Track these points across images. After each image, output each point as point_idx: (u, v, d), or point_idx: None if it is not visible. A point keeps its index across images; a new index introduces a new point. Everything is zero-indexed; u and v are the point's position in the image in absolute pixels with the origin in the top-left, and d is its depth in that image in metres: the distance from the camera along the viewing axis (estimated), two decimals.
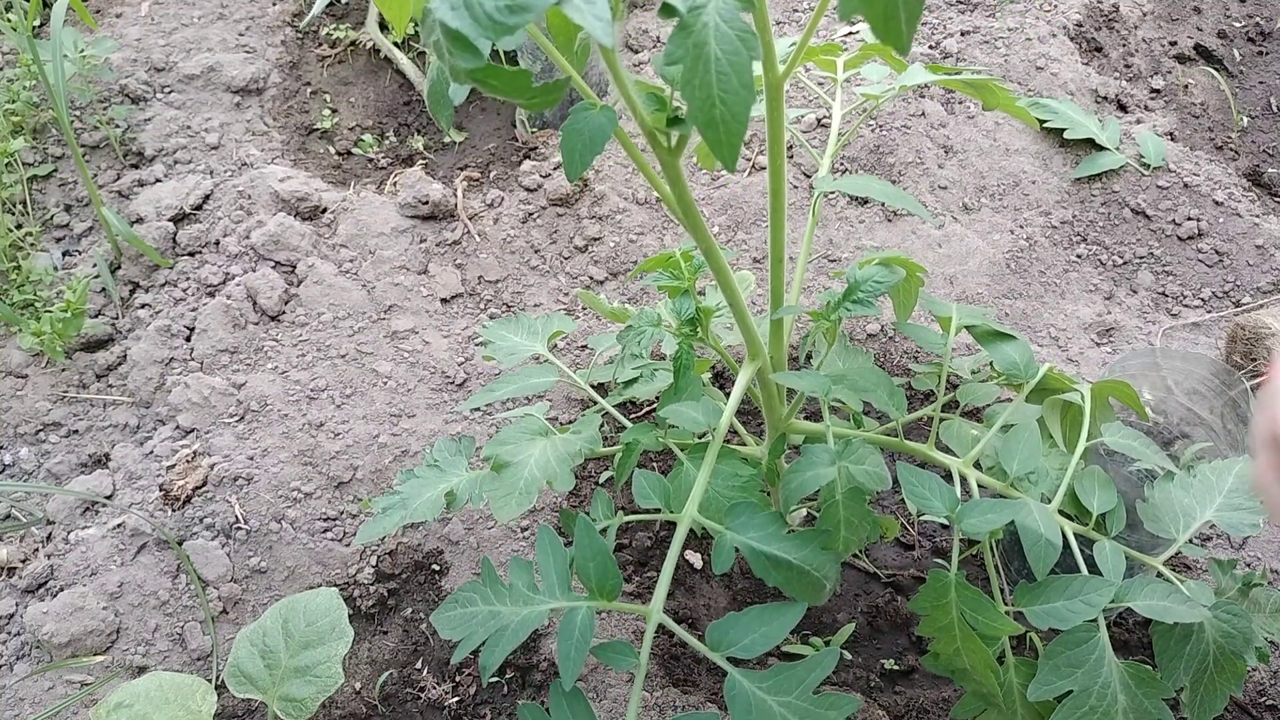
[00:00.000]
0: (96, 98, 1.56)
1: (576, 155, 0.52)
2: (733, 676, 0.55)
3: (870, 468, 0.66)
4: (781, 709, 0.53)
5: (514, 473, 0.67)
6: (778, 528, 0.61)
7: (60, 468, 1.20)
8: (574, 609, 0.58)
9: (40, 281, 1.38)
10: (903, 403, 0.73)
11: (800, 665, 0.54)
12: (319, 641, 0.90)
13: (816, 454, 0.67)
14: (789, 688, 0.54)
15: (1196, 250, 1.36)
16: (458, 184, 1.49)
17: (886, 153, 1.43)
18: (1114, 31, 1.69)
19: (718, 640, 0.57)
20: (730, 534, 0.61)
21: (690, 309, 0.76)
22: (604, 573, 0.60)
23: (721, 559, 0.61)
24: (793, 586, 0.60)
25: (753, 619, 0.57)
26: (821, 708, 0.53)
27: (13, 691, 1.00)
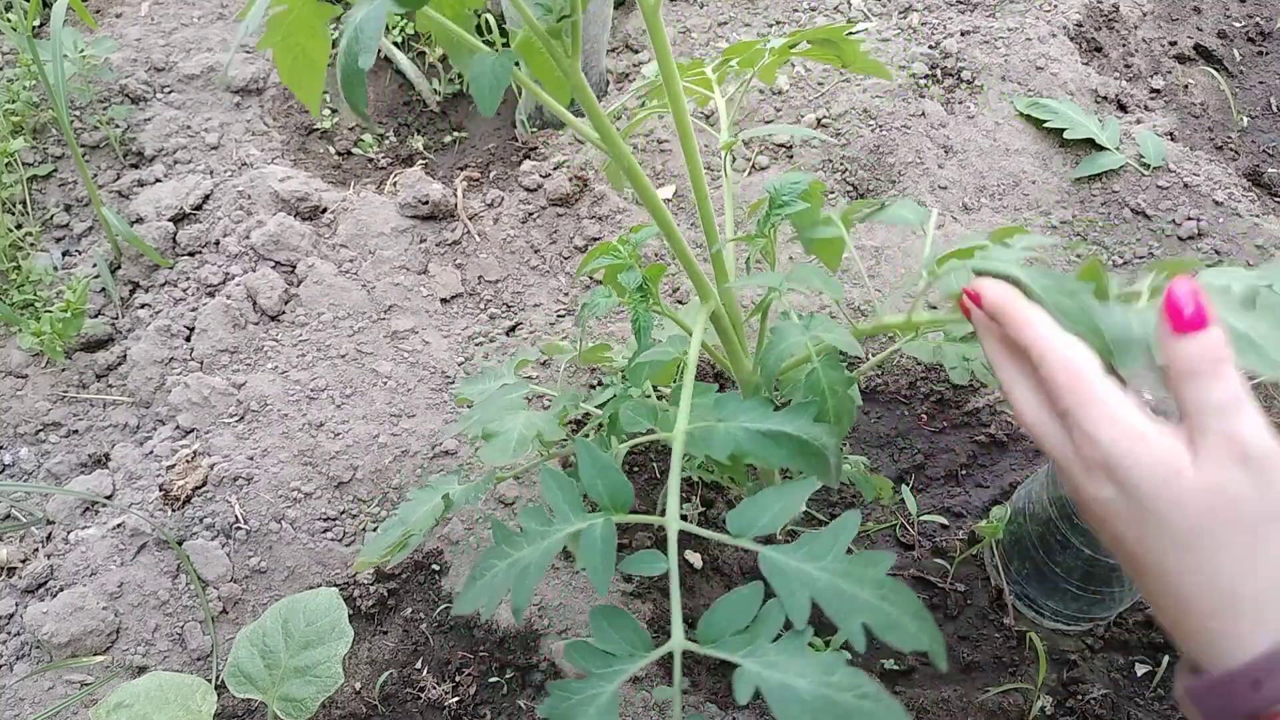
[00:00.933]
0: (96, 98, 1.56)
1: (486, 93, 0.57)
2: (764, 554, 0.54)
3: (839, 334, 0.67)
4: (820, 572, 0.52)
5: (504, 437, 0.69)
6: (767, 408, 0.62)
7: (60, 468, 1.20)
8: (591, 525, 0.58)
9: (40, 281, 1.38)
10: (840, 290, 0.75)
11: (826, 531, 0.54)
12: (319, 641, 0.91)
13: (786, 328, 0.68)
14: (821, 553, 0.53)
15: (1196, 250, 1.36)
16: (458, 184, 1.49)
17: (886, 152, 1.43)
18: (1114, 31, 1.69)
19: (741, 525, 0.56)
20: (724, 424, 0.61)
21: (637, 278, 0.78)
22: (614, 486, 0.59)
23: (720, 446, 0.60)
24: (796, 459, 0.59)
25: (770, 498, 0.57)
26: (860, 566, 0.52)
27: (13, 691, 1.00)
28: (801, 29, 0.90)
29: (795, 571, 0.52)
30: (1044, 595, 0.98)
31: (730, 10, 1.74)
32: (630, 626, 0.54)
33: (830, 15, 1.70)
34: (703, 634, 0.52)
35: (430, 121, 1.68)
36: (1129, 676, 1.00)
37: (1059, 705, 0.97)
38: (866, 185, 1.41)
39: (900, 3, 1.74)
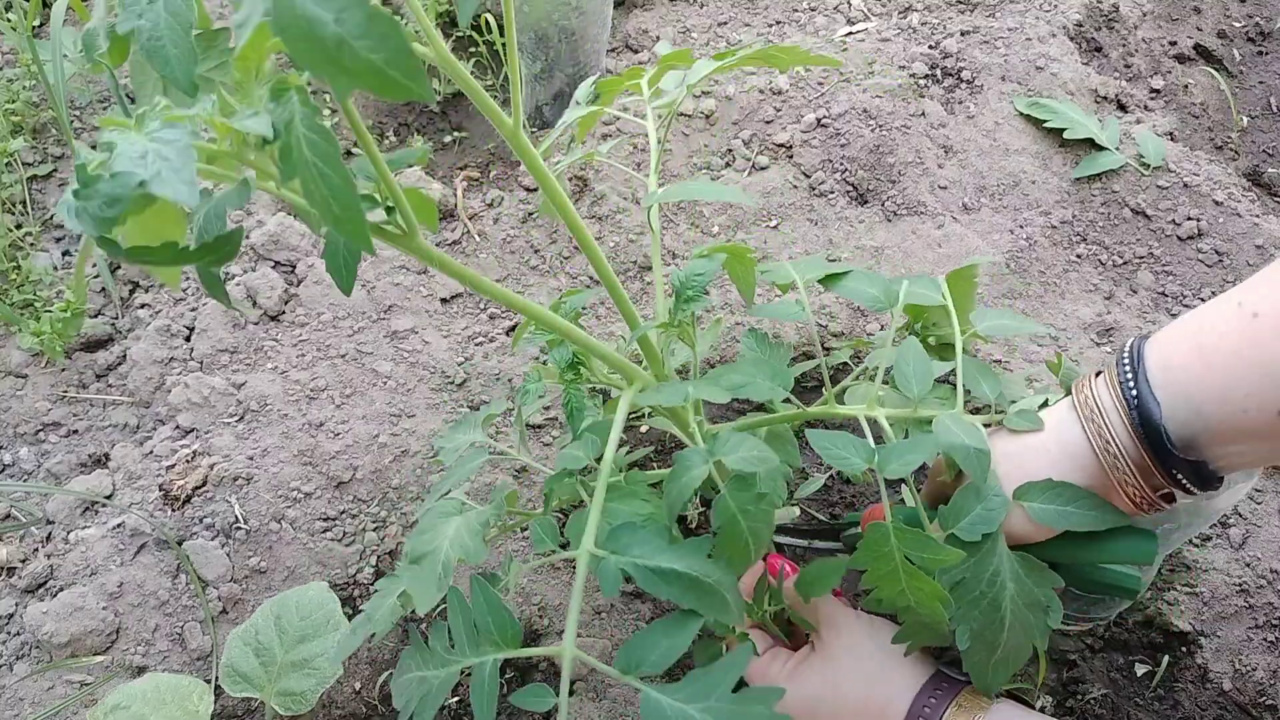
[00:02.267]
0: (96, 98, 1.56)
1: (342, 274, 0.56)
2: (646, 694, 0.53)
3: (746, 453, 0.63)
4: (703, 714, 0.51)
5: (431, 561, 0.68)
6: (663, 541, 0.60)
7: (60, 467, 1.21)
8: (481, 663, 0.61)
9: (40, 281, 1.38)
10: (789, 381, 0.73)
11: (714, 669, 0.53)
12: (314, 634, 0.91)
13: (687, 457, 0.65)
14: (706, 693, 0.52)
15: (1196, 250, 1.36)
16: (457, 184, 1.49)
17: (886, 153, 1.43)
18: (1114, 31, 1.69)
19: (628, 663, 0.56)
20: (614, 557, 0.60)
21: (567, 355, 0.76)
22: (502, 624, 0.62)
23: (608, 583, 0.60)
24: (688, 598, 0.58)
25: (657, 633, 0.57)
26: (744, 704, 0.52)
27: (12, 691, 1.00)
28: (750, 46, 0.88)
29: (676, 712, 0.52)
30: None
31: (730, 10, 1.74)
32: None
33: (830, 15, 1.70)
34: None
35: (430, 121, 1.68)
36: (1129, 676, 1.00)
37: (1059, 705, 0.97)
38: (866, 185, 1.41)
39: (900, 3, 1.74)
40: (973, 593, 0.66)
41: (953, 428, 0.68)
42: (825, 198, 1.41)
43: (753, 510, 0.64)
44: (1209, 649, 0.99)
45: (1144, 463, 0.62)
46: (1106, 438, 0.63)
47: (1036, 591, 0.66)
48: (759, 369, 0.74)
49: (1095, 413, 0.64)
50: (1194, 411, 0.59)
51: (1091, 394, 0.65)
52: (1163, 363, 0.62)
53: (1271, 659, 0.98)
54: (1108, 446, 0.63)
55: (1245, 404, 0.57)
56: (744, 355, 0.81)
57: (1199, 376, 0.59)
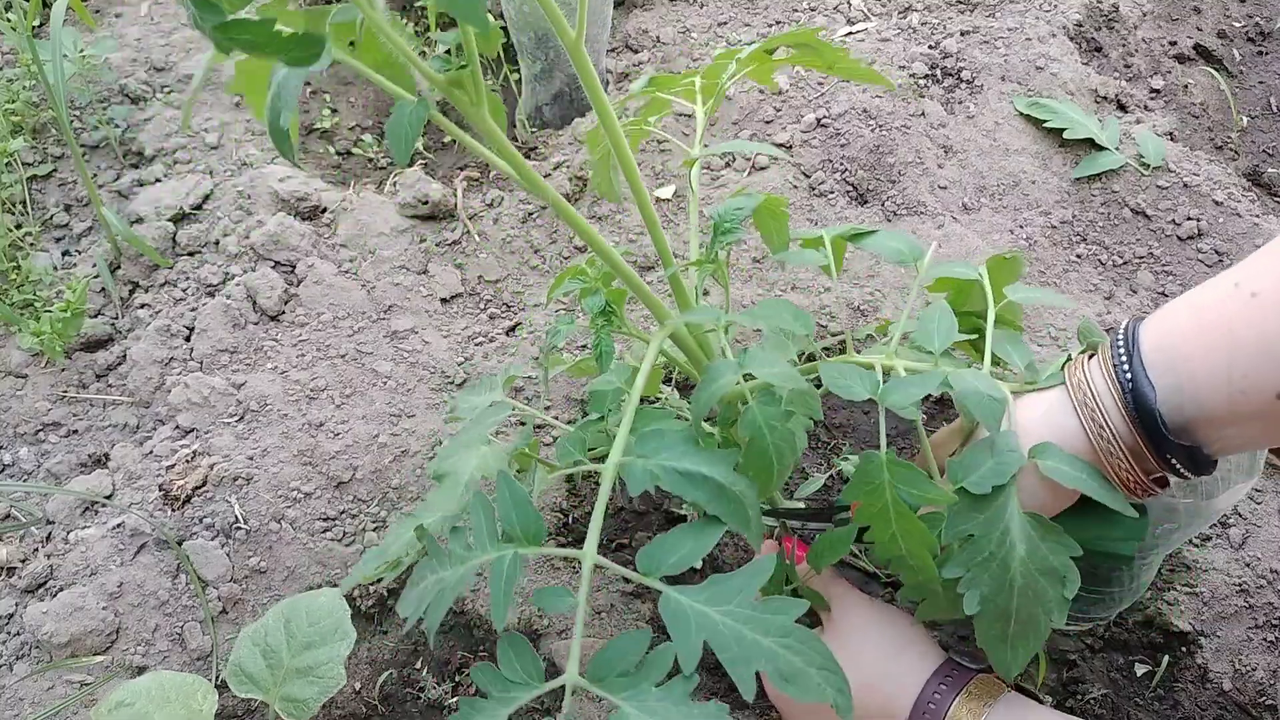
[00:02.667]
0: (96, 98, 1.56)
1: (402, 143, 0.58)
2: (667, 594, 0.53)
3: (776, 368, 0.63)
4: (724, 617, 0.51)
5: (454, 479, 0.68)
6: (689, 445, 0.60)
7: (60, 468, 1.20)
8: (500, 557, 0.59)
9: (40, 281, 1.38)
10: (810, 324, 0.72)
11: (737, 574, 0.53)
12: (321, 642, 0.90)
13: (717, 367, 0.65)
14: (727, 597, 0.52)
15: (1196, 250, 1.36)
16: (457, 184, 1.49)
17: (886, 152, 1.43)
18: (1114, 31, 1.69)
19: (649, 564, 0.56)
20: (642, 461, 0.60)
21: (601, 301, 0.77)
22: (526, 519, 0.60)
23: (635, 483, 0.60)
24: (713, 502, 0.58)
25: (679, 537, 0.57)
26: (765, 612, 0.52)
27: (13, 691, 1.00)
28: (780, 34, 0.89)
29: (695, 614, 0.52)
30: None
31: (730, 10, 1.74)
32: (529, 658, 0.56)
33: (830, 15, 1.70)
34: (591, 671, 0.53)
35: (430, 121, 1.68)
36: (1129, 676, 1.00)
37: (1059, 705, 0.98)
38: (866, 185, 1.41)
39: (900, 3, 1.74)
40: (982, 553, 0.62)
41: (968, 377, 0.65)
42: (825, 198, 1.41)
43: (779, 427, 0.63)
44: (1209, 649, 0.99)
45: (1138, 447, 0.61)
46: (1100, 422, 0.62)
47: (1051, 558, 0.62)
48: (783, 307, 0.73)
49: (1089, 396, 0.63)
50: (1189, 394, 0.58)
51: (1085, 377, 0.64)
52: (1157, 344, 0.61)
53: (1271, 659, 0.98)
54: (1101, 431, 0.62)
55: (1242, 385, 0.56)
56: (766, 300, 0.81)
57: (1194, 357, 0.58)
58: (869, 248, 0.80)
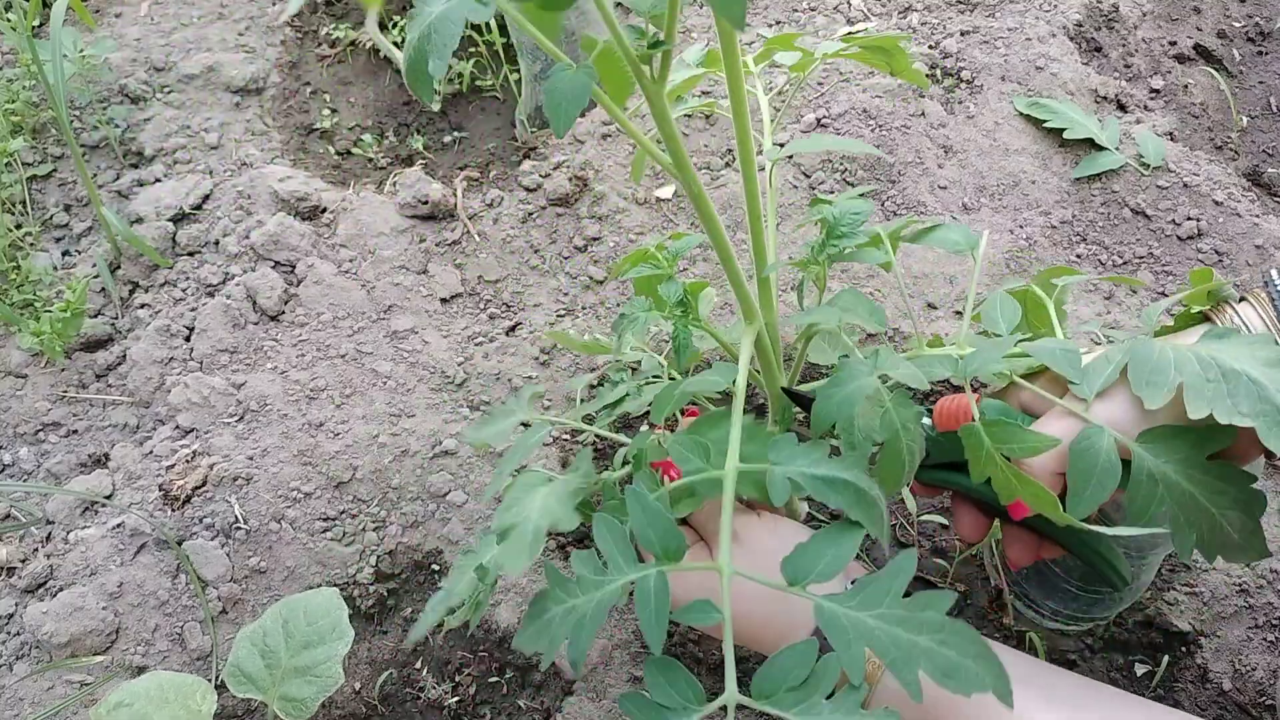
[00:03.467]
0: (96, 98, 1.56)
1: (562, 112, 0.54)
2: (819, 604, 0.53)
3: (907, 369, 0.64)
4: (877, 621, 0.51)
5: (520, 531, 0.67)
6: (821, 453, 0.61)
7: (60, 468, 1.20)
8: (645, 576, 0.57)
9: (40, 281, 1.38)
10: (883, 319, 0.73)
11: (881, 576, 0.53)
12: (319, 641, 0.91)
13: (853, 366, 0.65)
14: (877, 600, 0.52)
15: (1196, 250, 1.36)
16: (457, 184, 1.49)
17: (886, 152, 1.43)
18: (1114, 31, 1.69)
19: (794, 573, 0.55)
20: (780, 468, 0.61)
21: (678, 291, 0.76)
22: (666, 535, 0.58)
23: (778, 491, 0.60)
24: (853, 506, 0.59)
25: (821, 544, 0.56)
26: (916, 610, 0.51)
27: (12, 691, 1.00)
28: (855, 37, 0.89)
29: (852, 622, 0.51)
30: (1044, 595, 0.98)
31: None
32: (683, 679, 0.54)
33: (830, 15, 1.70)
34: (756, 689, 0.52)
35: (430, 121, 1.68)
36: (1129, 676, 1.00)
37: None
38: (866, 185, 1.41)
39: (900, 3, 1.74)
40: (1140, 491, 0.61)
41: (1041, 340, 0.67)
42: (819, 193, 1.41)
43: (911, 428, 0.64)
44: (1209, 649, 0.99)
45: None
46: None
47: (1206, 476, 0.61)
48: (859, 301, 0.73)
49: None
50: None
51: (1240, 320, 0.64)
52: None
53: (1271, 659, 0.98)
54: None
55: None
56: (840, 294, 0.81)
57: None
58: (932, 243, 0.81)
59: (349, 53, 1.75)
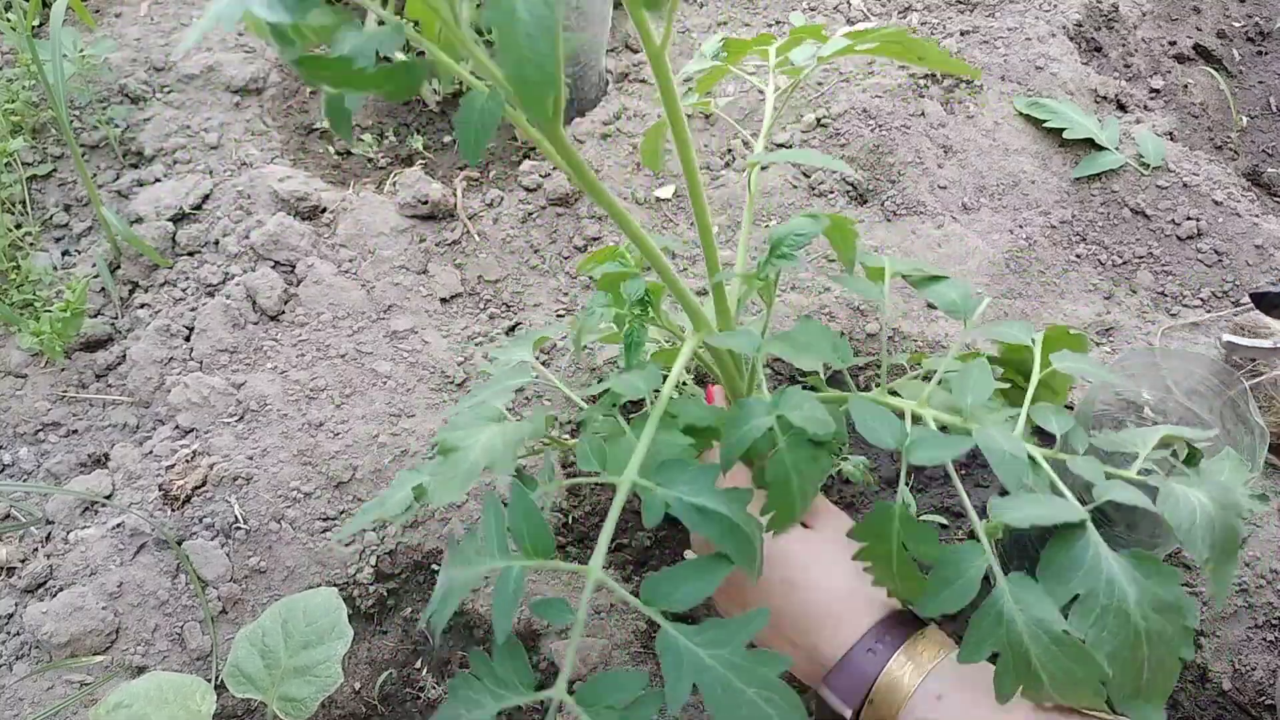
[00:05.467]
0: (96, 98, 1.56)
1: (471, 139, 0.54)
2: (665, 630, 0.54)
3: (809, 412, 0.63)
4: (713, 661, 0.53)
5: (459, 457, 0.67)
6: (708, 481, 0.61)
7: (59, 467, 1.21)
8: (507, 568, 0.59)
9: (39, 281, 1.38)
10: (849, 355, 0.72)
11: (735, 621, 0.54)
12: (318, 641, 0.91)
13: (751, 406, 0.65)
14: (723, 642, 0.53)
15: (1196, 250, 1.36)
16: (457, 184, 1.49)
17: (886, 152, 1.43)
18: (1114, 31, 1.69)
19: (652, 594, 0.56)
20: (660, 490, 0.61)
21: (640, 289, 0.75)
22: (535, 532, 0.60)
23: (651, 513, 0.60)
24: (725, 539, 0.59)
25: (686, 572, 0.57)
26: (754, 663, 0.53)
27: (12, 691, 1.00)
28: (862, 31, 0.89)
29: (689, 654, 0.53)
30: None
31: (730, 10, 1.74)
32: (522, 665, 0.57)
33: (830, 15, 1.70)
34: (581, 696, 0.53)
35: (430, 121, 1.68)
36: None
37: None
38: (866, 185, 1.41)
39: (900, 2, 1.74)
40: (1094, 608, 0.58)
41: (994, 434, 0.65)
42: (825, 198, 1.41)
43: (806, 470, 0.64)
44: (1209, 649, 0.99)
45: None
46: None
47: (1161, 591, 0.59)
48: (824, 336, 0.72)
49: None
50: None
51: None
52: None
53: (1271, 659, 0.98)
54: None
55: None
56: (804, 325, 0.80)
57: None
58: (928, 295, 0.80)
59: None
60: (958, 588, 0.62)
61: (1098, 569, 0.60)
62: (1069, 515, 0.61)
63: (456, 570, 0.62)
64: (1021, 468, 0.63)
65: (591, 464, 0.68)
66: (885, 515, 0.65)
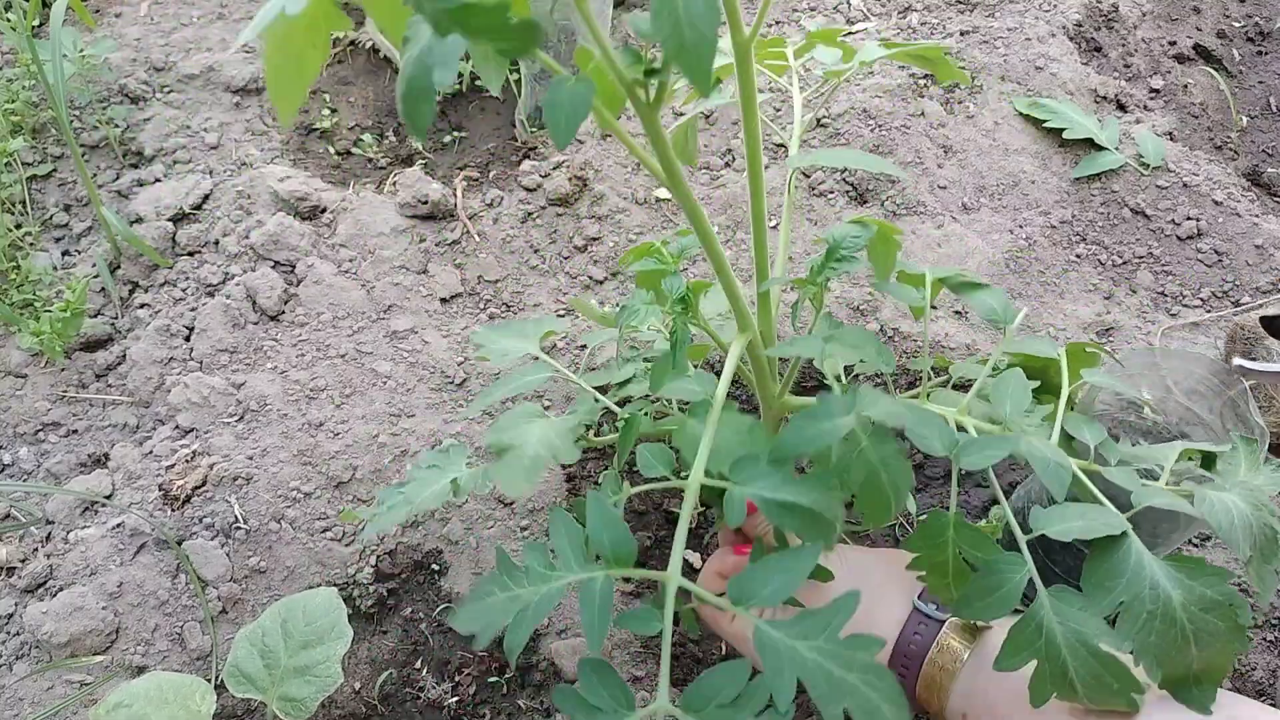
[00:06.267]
0: (96, 98, 1.56)
1: (562, 125, 0.53)
2: (760, 627, 0.54)
3: (887, 407, 0.63)
4: (811, 653, 0.53)
5: (518, 453, 0.66)
6: (785, 475, 0.61)
7: (59, 467, 1.21)
8: (592, 578, 0.58)
9: (39, 281, 1.38)
10: (891, 360, 0.72)
11: (824, 610, 0.54)
12: (318, 641, 0.91)
13: (831, 403, 0.64)
14: (815, 632, 0.53)
15: (1196, 250, 1.36)
16: (457, 184, 1.49)
17: (886, 152, 1.43)
18: (1113, 31, 1.69)
19: (740, 594, 0.56)
20: (739, 487, 0.61)
21: (680, 287, 0.75)
22: (618, 540, 0.59)
23: (733, 512, 0.60)
24: (807, 529, 0.59)
25: (770, 568, 0.57)
26: (850, 648, 0.53)
27: (12, 691, 1.00)
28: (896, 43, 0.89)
29: (787, 650, 0.53)
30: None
31: None
32: (616, 684, 0.55)
33: (830, 15, 1.70)
34: (686, 701, 0.53)
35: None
36: None
37: None
38: (865, 185, 1.41)
39: (900, 2, 1.74)
40: (1139, 615, 0.59)
41: (1038, 443, 0.66)
42: (825, 197, 1.41)
43: (894, 464, 0.63)
44: None
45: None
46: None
47: (1209, 591, 0.60)
48: (869, 340, 0.73)
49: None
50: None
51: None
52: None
53: (1271, 659, 0.98)
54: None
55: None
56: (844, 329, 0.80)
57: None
58: (968, 302, 0.81)
59: (349, 52, 1.75)
60: (1000, 596, 0.63)
61: (1140, 576, 0.61)
62: (1111, 527, 0.62)
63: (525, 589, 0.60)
64: (1066, 475, 0.64)
65: (655, 469, 0.68)
66: (940, 523, 0.66)
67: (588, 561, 0.60)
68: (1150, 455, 0.72)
